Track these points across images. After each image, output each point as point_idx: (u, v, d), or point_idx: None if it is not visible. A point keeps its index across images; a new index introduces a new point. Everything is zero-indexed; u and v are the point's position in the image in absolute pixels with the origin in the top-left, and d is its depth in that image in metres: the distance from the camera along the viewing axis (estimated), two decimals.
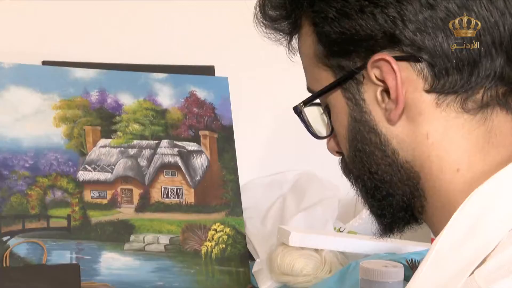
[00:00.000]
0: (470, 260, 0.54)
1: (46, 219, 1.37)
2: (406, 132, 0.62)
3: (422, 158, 0.62)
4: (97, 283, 1.31)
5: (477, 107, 0.61)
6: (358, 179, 0.67)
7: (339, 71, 0.65)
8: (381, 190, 0.65)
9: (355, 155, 0.65)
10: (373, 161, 0.64)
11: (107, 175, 1.44)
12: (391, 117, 0.62)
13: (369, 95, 0.64)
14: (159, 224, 1.45)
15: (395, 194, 0.64)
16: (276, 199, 1.57)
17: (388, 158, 0.63)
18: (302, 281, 1.28)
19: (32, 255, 1.33)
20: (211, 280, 1.42)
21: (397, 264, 0.94)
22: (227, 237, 1.47)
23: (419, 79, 0.62)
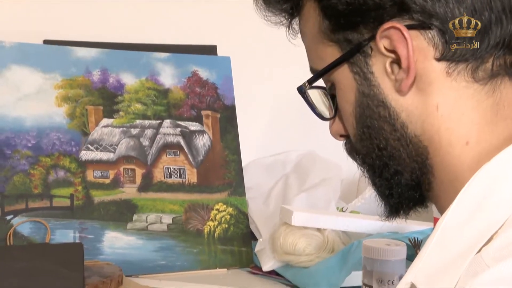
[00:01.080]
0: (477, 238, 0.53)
1: (49, 199, 1.37)
2: (415, 104, 0.62)
3: (431, 131, 0.61)
4: (101, 262, 1.32)
5: (487, 76, 0.61)
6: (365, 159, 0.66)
7: (346, 45, 0.64)
8: (389, 167, 0.64)
9: (363, 132, 0.65)
10: (381, 136, 0.63)
11: (109, 155, 1.44)
12: (401, 87, 0.61)
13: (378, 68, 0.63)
14: (161, 203, 1.45)
15: (403, 172, 0.64)
16: (278, 179, 1.57)
17: (397, 133, 0.63)
18: (305, 261, 1.29)
19: (36, 234, 1.33)
20: (214, 259, 1.43)
21: (400, 243, 0.93)
22: (229, 217, 1.48)
23: (430, 47, 0.61)
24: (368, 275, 0.91)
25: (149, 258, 1.39)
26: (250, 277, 1.38)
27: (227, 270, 1.42)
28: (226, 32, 1.67)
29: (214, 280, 1.34)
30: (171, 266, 1.39)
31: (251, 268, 1.41)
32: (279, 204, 1.44)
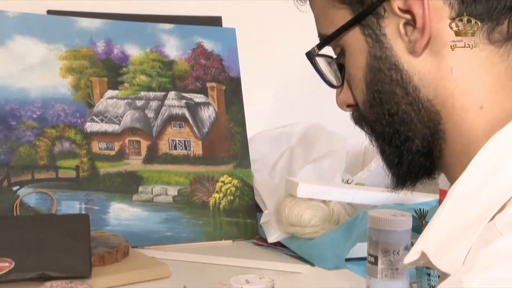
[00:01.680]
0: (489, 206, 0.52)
1: (55, 170, 1.37)
2: (429, 67, 0.60)
3: (444, 95, 0.60)
4: (107, 233, 1.32)
5: (502, 39, 0.59)
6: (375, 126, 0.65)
7: (358, 7, 0.63)
8: (400, 134, 0.63)
9: (373, 98, 0.63)
10: (393, 101, 0.62)
11: (114, 126, 1.44)
12: (415, 48, 0.60)
13: (391, 29, 0.62)
14: (167, 175, 1.45)
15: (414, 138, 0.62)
16: (284, 151, 1.56)
17: (409, 97, 0.61)
18: (310, 232, 1.29)
19: (42, 205, 1.34)
20: (219, 231, 1.43)
21: (406, 213, 0.93)
22: (235, 189, 1.48)
23: (446, 6, 0.59)
24: (374, 246, 0.91)
25: (155, 229, 1.40)
26: (256, 248, 1.38)
27: (232, 241, 1.43)
28: (231, 3, 1.66)
29: (220, 252, 1.34)
30: (177, 238, 1.40)
31: (256, 239, 1.42)
32: (284, 176, 1.43)
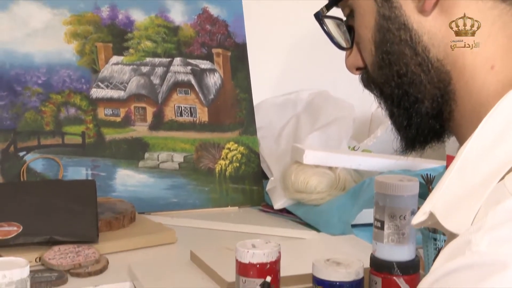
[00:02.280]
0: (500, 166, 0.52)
1: (61, 136, 1.37)
2: (438, 26, 0.59)
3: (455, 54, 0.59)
4: (113, 199, 1.33)
5: None
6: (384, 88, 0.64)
7: None
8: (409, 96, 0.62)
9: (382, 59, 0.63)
10: (402, 62, 0.61)
11: (120, 92, 1.43)
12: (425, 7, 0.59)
13: None
14: (173, 142, 1.45)
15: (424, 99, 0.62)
16: (290, 119, 1.56)
17: (418, 57, 0.61)
18: (316, 198, 1.29)
19: (49, 170, 1.34)
20: (225, 198, 1.44)
21: (413, 178, 0.93)
22: (241, 156, 1.48)
23: None
24: (380, 211, 0.90)
25: (161, 196, 1.40)
26: (262, 215, 1.39)
27: (238, 208, 1.43)
28: None
29: (226, 218, 1.35)
30: (183, 204, 1.41)
31: (262, 206, 1.42)
32: (290, 143, 1.43)
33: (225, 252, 1.05)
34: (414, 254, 0.91)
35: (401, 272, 0.89)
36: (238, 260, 0.86)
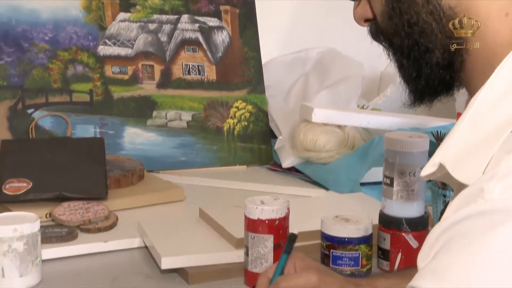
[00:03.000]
0: None
1: (69, 94, 1.37)
2: None
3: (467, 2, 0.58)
4: (122, 157, 1.33)
5: None
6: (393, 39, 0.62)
7: None
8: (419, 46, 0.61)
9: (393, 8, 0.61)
10: (412, 10, 0.60)
11: (127, 50, 1.42)
12: None
13: None
14: (181, 100, 1.44)
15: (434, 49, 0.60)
16: (298, 77, 1.54)
17: (429, 5, 0.59)
18: (325, 157, 1.29)
19: (57, 128, 1.34)
20: (233, 156, 1.44)
21: (423, 135, 0.92)
22: (249, 115, 1.47)
23: None
24: (390, 167, 0.90)
25: (169, 154, 1.40)
26: (270, 173, 1.39)
27: (246, 167, 1.43)
28: None
29: (234, 177, 1.35)
30: (191, 163, 1.41)
31: (271, 165, 1.42)
32: (299, 102, 1.42)
33: (233, 209, 1.05)
34: (423, 210, 0.91)
35: (410, 229, 0.89)
36: (247, 217, 0.87)
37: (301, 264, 0.74)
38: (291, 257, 0.75)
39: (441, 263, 0.45)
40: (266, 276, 0.74)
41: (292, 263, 0.75)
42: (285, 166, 1.36)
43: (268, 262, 0.86)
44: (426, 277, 0.46)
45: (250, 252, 0.86)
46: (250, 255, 0.86)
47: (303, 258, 0.76)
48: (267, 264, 0.86)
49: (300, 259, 0.75)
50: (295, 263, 0.75)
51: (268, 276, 0.74)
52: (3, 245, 0.83)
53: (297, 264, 0.74)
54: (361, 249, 0.88)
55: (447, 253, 0.46)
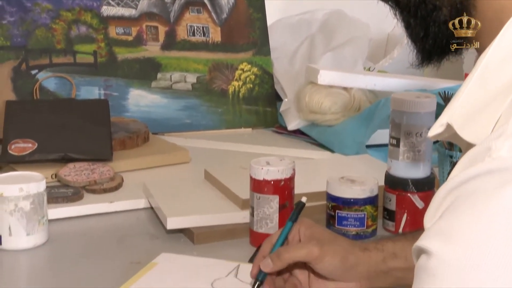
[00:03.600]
0: None
1: (72, 55, 1.35)
2: None
3: None
4: (126, 119, 1.33)
5: None
6: None
7: None
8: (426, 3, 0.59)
9: None
10: None
11: (131, 11, 1.40)
12: None
13: None
14: (185, 62, 1.43)
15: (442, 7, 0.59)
16: (304, 39, 1.53)
17: None
18: (330, 119, 1.28)
19: (61, 89, 1.33)
20: (239, 119, 1.43)
21: (430, 95, 0.91)
22: (254, 77, 1.46)
23: None
24: (396, 128, 0.89)
25: (174, 116, 1.40)
26: (275, 136, 1.38)
27: (252, 129, 1.43)
28: None
29: (239, 139, 1.35)
30: (196, 125, 1.40)
31: (276, 128, 1.41)
32: (304, 64, 1.41)
33: (239, 171, 1.05)
34: (429, 171, 0.90)
35: (416, 189, 0.89)
36: (253, 177, 0.86)
37: (306, 232, 0.73)
38: (297, 223, 0.74)
39: (448, 223, 0.45)
40: (270, 242, 0.74)
41: (297, 230, 0.74)
42: (290, 129, 1.35)
43: (274, 223, 0.86)
44: (432, 237, 0.45)
45: (255, 212, 0.87)
46: (255, 215, 0.87)
47: (310, 225, 0.74)
48: (272, 224, 0.86)
49: (305, 226, 0.74)
50: (300, 231, 0.74)
51: (272, 242, 0.73)
52: (9, 204, 0.84)
53: (302, 231, 0.74)
54: (366, 210, 0.88)
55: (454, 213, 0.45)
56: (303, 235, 0.73)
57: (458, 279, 0.43)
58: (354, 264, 0.71)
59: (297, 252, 0.71)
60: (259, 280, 0.71)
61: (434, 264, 0.44)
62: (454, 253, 0.43)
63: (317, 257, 0.70)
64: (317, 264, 0.70)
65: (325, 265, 0.70)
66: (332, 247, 0.71)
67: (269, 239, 0.74)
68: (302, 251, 0.71)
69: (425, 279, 0.45)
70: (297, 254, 0.71)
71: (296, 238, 0.74)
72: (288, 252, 0.71)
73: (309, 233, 0.73)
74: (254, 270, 0.72)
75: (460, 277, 0.43)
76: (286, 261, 0.71)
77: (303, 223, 0.75)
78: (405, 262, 0.70)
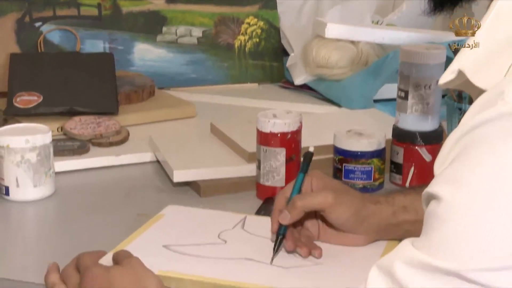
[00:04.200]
0: None
1: (77, 7, 1.33)
2: None
3: None
4: (132, 73, 1.32)
5: None
6: None
7: None
8: None
9: None
10: None
11: None
12: None
13: None
14: (191, 16, 1.41)
15: None
16: None
17: None
18: (338, 73, 1.27)
19: (65, 43, 1.32)
20: (245, 74, 1.42)
21: (440, 46, 0.90)
22: (260, 31, 1.44)
23: None
24: (405, 81, 0.88)
25: (180, 71, 1.38)
26: (282, 91, 1.37)
27: (258, 84, 1.41)
28: None
29: (245, 94, 1.34)
30: (202, 80, 1.39)
31: (283, 82, 1.40)
32: (311, 18, 1.39)
33: (245, 124, 1.04)
34: (437, 124, 0.90)
35: (424, 142, 0.88)
36: (259, 130, 0.86)
37: (318, 183, 0.73)
38: (308, 175, 0.74)
39: (459, 169, 0.44)
40: (284, 196, 0.73)
41: (309, 181, 0.73)
42: (297, 84, 1.34)
43: (280, 176, 0.86)
44: (442, 183, 0.45)
45: (262, 165, 0.86)
46: (262, 168, 0.86)
47: (321, 176, 0.74)
48: (279, 177, 0.86)
49: (317, 177, 0.73)
50: (312, 182, 0.73)
51: (286, 195, 0.73)
52: (16, 155, 0.84)
53: (314, 183, 0.73)
54: (373, 163, 0.88)
55: (465, 159, 0.44)
56: (316, 186, 0.73)
57: (469, 224, 0.43)
58: (366, 216, 0.71)
59: (312, 199, 0.71)
60: (281, 235, 0.71)
61: (444, 210, 0.44)
62: (464, 198, 0.43)
63: (331, 205, 0.70)
64: (331, 213, 0.70)
65: (339, 214, 0.70)
66: (346, 198, 0.71)
67: (282, 192, 0.74)
68: (318, 198, 0.71)
69: (435, 225, 0.44)
70: (312, 201, 0.70)
71: (309, 189, 0.73)
72: (303, 200, 0.71)
73: (322, 184, 0.73)
74: (274, 226, 0.71)
75: (470, 221, 0.43)
76: (302, 210, 0.70)
77: (314, 174, 0.74)
78: (415, 215, 0.70)
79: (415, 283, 0.44)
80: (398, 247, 0.48)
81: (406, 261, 0.45)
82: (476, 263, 0.42)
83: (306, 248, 0.70)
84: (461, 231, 0.43)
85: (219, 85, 1.39)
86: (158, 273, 0.65)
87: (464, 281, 0.43)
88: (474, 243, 0.42)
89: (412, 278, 0.45)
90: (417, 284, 0.44)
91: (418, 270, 0.44)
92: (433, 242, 0.44)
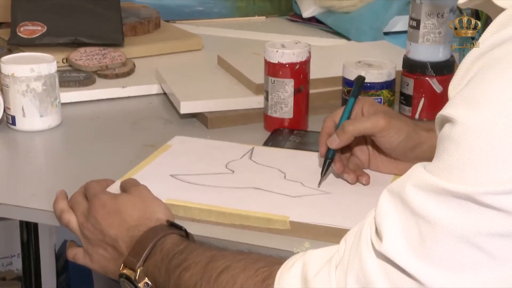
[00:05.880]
0: None
1: None
2: None
3: None
4: (137, 4, 1.29)
5: None
6: None
7: None
8: None
9: None
10: None
11: None
12: None
13: None
14: None
15: None
16: None
17: None
18: (347, 5, 1.24)
19: None
20: (252, 7, 1.39)
21: None
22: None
23: None
24: (417, 9, 0.86)
25: (186, 4, 1.36)
26: (290, 24, 1.34)
27: (265, 18, 1.39)
28: None
29: (253, 27, 1.31)
30: (208, 13, 1.36)
31: (291, 15, 1.37)
32: None
33: (253, 56, 1.03)
34: (449, 54, 0.88)
35: (435, 73, 0.87)
36: (267, 61, 0.84)
37: (369, 109, 0.71)
38: (358, 101, 0.71)
39: (475, 90, 0.43)
40: (332, 120, 0.71)
41: (360, 107, 0.71)
42: (305, 16, 1.31)
43: (288, 107, 0.85)
44: (457, 105, 0.43)
45: (270, 97, 0.85)
46: (270, 99, 0.85)
47: (372, 103, 0.72)
48: (287, 108, 0.85)
49: (368, 103, 0.71)
50: (363, 107, 0.71)
51: (334, 120, 0.71)
52: (21, 84, 0.83)
53: (365, 108, 0.71)
54: (383, 94, 0.87)
55: (482, 79, 0.43)
56: (367, 111, 0.71)
57: (484, 146, 0.41)
58: (418, 142, 0.68)
59: (363, 123, 0.69)
60: (329, 158, 0.69)
61: (459, 132, 0.43)
62: (481, 119, 0.41)
63: (383, 129, 0.67)
64: (382, 136, 0.68)
65: (390, 138, 0.68)
66: (398, 122, 0.68)
67: (331, 116, 0.72)
68: (369, 122, 0.68)
69: (449, 148, 0.43)
70: (364, 125, 0.68)
71: (359, 115, 0.71)
72: (353, 125, 0.69)
73: (373, 110, 0.70)
74: (323, 149, 0.70)
75: (486, 143, 0.41)
76: (352, 134, 0.68)
77: (365, 100, 0.72)
78: None
79: (427, 207, 0.44)
80: (410, 171, 0.47)
81: (417, 184, 0.45)
82: (490, 186, 0.41)
83: (353, 174, 0.69)
84: (476, 153, 0.42)
85: (226, 18, 1.37)
86: (165, 202, 0.65)
87: (478, 205, 0.42)
88: (489, 166, 0.41)
89: (423, 201, 0.44)
90: (429, 207, 0.44)
91: (430, 193, 0.44)
92: (447, 165, 0.43)
